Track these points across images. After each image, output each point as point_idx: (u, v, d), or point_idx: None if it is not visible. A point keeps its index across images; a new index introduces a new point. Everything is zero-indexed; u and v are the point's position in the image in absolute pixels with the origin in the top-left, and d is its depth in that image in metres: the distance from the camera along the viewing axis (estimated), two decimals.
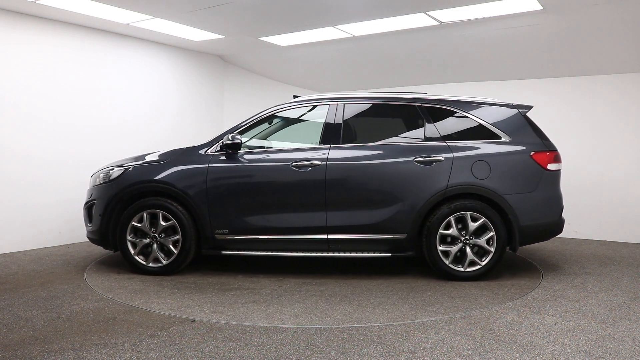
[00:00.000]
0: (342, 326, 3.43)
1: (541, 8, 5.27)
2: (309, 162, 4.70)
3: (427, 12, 5.55)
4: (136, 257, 4.84)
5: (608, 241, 6.75)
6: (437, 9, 5.44)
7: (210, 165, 4.80)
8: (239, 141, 4.77)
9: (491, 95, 5.33)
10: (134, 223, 4.82)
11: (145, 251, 4.85)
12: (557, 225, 4.80)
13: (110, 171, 5.01)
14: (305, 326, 3.43)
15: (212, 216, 4.75)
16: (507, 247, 4.72)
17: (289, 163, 4.73)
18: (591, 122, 6.95)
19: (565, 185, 5.30)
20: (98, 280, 4.60)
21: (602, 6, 5.21)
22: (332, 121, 4.88)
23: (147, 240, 4.83)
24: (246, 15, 5.82)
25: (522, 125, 4.79)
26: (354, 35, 6.56)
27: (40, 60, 6.00)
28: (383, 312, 3.72)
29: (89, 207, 5.12)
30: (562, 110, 7.08)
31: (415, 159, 4.64)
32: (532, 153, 4.66)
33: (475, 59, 7.03)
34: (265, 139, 5.22)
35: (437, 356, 2.94)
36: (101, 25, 6.38)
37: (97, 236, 4.96)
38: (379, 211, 4.63)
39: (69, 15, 5.90)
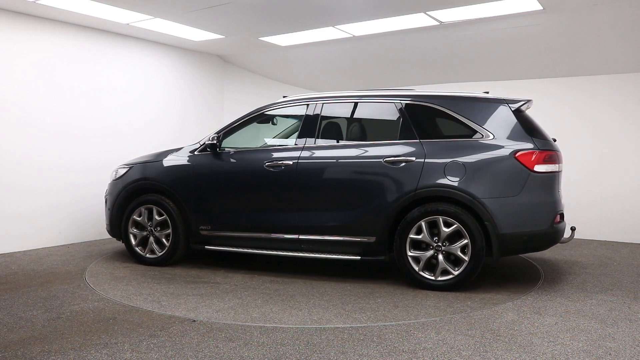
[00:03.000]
0: (343, 326, 3.43)
1: (541, 8, 5.27)
2: (281, 162, 4.72)
3: (427, 12, 5.55)
4: (136, 248, 5.27)
5: (608, 241, 6.76)
6: (437, 9, 5.44)
7: (195, 163, 5.08)
8: (215, 142, 4.99)
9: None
10: (134, 217, 5.26)
11: (145, 243, 5.28)
12: (548, 235, 4.28)
13: (119, 169, 5.49)
14: (306, 326, 3.43)
15: (197, 212, 5.01)
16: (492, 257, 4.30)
17: (263, 163, 4.79)
18: (591, 122, 6.95)
19: (566, 186, 5.26)
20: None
21: (602, 6, 5.21)
22: (308, 121, 4.85)
23: (145, 233, 5.24)
24: (246, 15, 5.82)
25: (509, 121, 4.35)
26: (354, 35, 6.56)
27: (40, 60, 6.00)
28: (301, 314, 3.67)
29: (105, 202, 5.59)
30: (562, 110, 7.08)
31: (385, 159, 4.43)
32: (515, 153, 4.22)
33: (475, 59, 7.03)
34: (251, 139, 5.33)
35: (437, 356, 2.94)
36: (101, 25, 6.38)
37: (109, 228, 5.46)
38: (348, 212, 4.51)
39: (69, 15, 5.90)
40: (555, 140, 4.64)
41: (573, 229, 4.75)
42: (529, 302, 4.01)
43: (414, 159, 4.36)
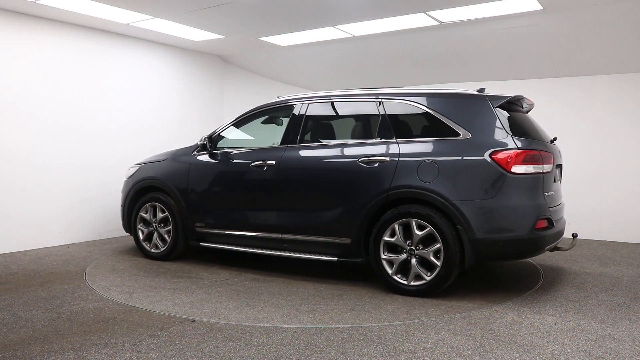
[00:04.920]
0: (343, 326, 3.43)
1: (541, 8, 5.27)
2: (265, 162, 4.77)
3: (427, 12, 5.55)
4: (143, 243, 5.57)
5: (608, 241, 6.75)
6: (437, 9, 5.44)
7: (191, 163, 5.28)
8: (206, 142, 5.19)
9: None
10: (142, 214, 5.57)
11: (151, 238, 5.54)
12: (528, 241, 3.93)
13: (131, 167, 5.81)
14: (306, 326, 3.43)
15: (193, 210, 5.20)
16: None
17: (250, 162, 4.87)
18: (591, 122, 6.95)
19: (565, 186, 5.25)
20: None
21: (602, 6, 5.20)
22: (293, 121, 4.86)
23: (152, 229, 5.51)
24: (246, 15, 5.82)
25: (489, 119, 4.06)
26: (354, 35, 6.56)
27: (40, 60, 5.99)
28: (250, 312, 3.71)
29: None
30: (562, 110, 7.08)
31: (359, 160, 4.34)
32: (492, 153, 3.94)
33: (475, 59, 7.03)
34: (251, 139, 5.43)
35: (437, 356, 2.94)
36: (101, 25, 6.38)
37: (123, 223, 5.79)
38: (324, 213, 4.47)
39: (69, 15, 5.90)
40: (555, 140, 4.60)
41: (575, 235, 4.58)
42: (529, 302, 4.00)
43: (387, 158, 4.23)
